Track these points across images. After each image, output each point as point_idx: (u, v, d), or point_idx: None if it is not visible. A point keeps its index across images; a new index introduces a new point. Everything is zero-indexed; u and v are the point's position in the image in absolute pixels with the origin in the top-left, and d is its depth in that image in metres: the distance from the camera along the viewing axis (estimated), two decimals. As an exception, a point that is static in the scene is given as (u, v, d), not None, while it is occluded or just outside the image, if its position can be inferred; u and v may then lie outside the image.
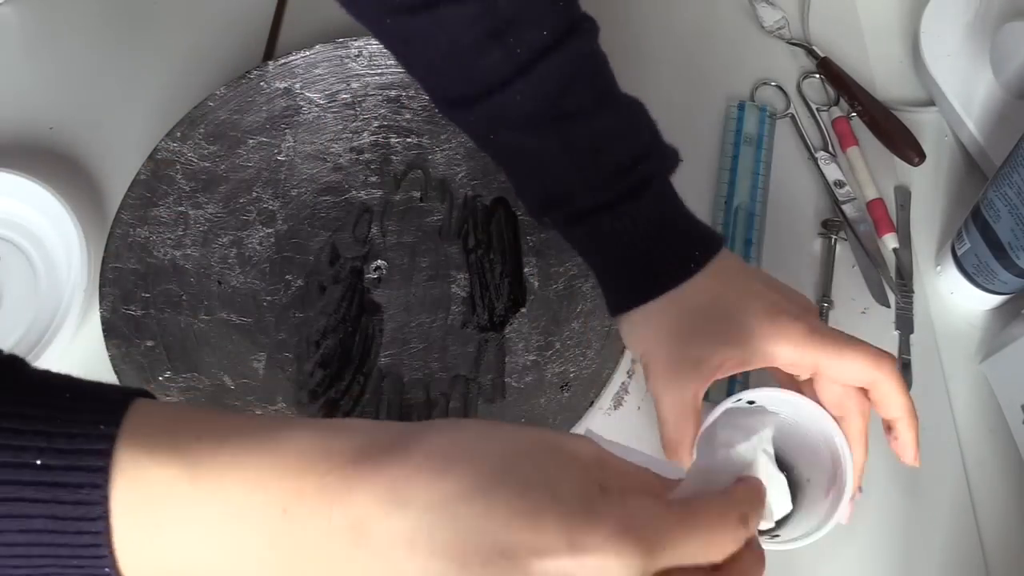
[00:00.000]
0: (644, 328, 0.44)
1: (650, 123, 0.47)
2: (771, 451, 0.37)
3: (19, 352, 0.51)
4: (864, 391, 0.42)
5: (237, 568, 0.27)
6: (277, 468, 0.26)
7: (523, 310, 0.53)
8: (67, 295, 0.54)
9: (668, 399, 0.42)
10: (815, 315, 0.44)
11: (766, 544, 0.40)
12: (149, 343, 0.51)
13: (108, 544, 0.26)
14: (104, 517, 0.25)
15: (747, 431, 0.36)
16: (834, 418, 0.42)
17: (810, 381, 0.42)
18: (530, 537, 0.25)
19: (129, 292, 0.52)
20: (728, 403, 0.42)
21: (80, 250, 0.54)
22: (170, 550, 0.26)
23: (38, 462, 0.25)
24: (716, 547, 0.27)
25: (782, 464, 0.45)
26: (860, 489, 0.43)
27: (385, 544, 0.25)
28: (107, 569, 0.26)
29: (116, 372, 0.49)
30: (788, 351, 0.41)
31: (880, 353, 0.41)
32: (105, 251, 0.53)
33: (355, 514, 0.26)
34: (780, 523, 0.44)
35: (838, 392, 0.42)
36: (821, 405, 0.42)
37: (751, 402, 0.43)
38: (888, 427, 0.43)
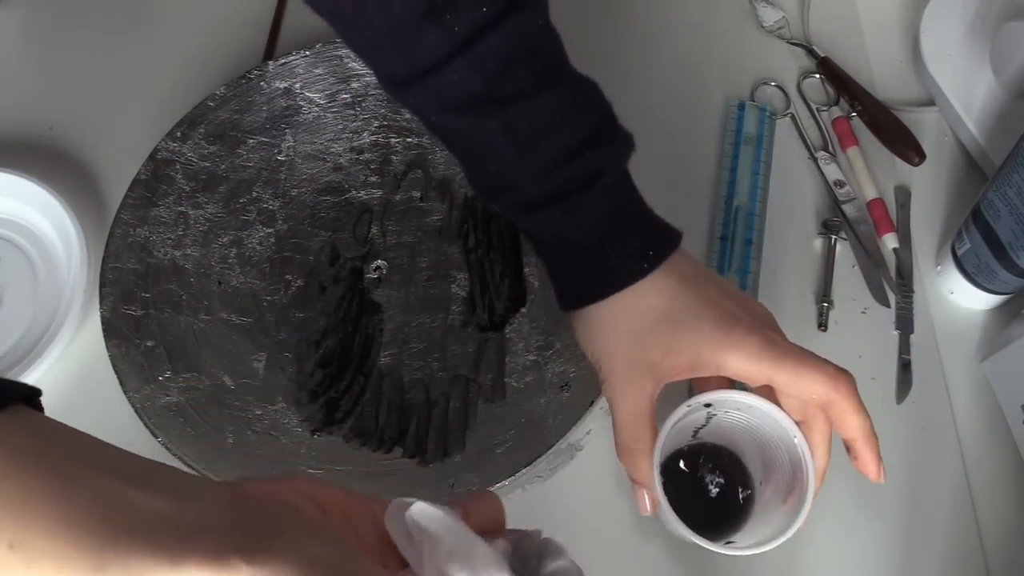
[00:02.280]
0: (596, 329, 0.43)
1: (603, 106, 0.44)
2: None
3: (19, 352, 0.52)
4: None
5: None
6: (109, 502, 0.24)
7: (523, 310, 0.53)
8: (67, 295, 0.54)
9: (623, 404, 0.41)
10: (772, 328, 0.42)
11: (726, 551, 0.40)
12: (149, 343, 0.51)
13: None
14: None
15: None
16: (796, 423, 0.41)
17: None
18: None
19: (129, 292, 0.52)
20: (684, 407, 0.41)
21: (80, 250, 0.54)
22: (16, 568, 0.24)
23: None
24: None
25: (734, 466, 0.46)
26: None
27: None
28: None
29: (116, 372, 0.49)
30: (740, 364, 0.40)
31: (838, 373, 0.40)
32: (105, 251, 0.53)
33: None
34: (734, 530, 0.44)
35: (797, 403, 0.41)
36: (781, 408, 0.42)
37: (708, 404, 0.43)
38: (848, 447, 0.42)
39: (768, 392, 0.42)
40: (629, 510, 0.50)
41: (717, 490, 0.47)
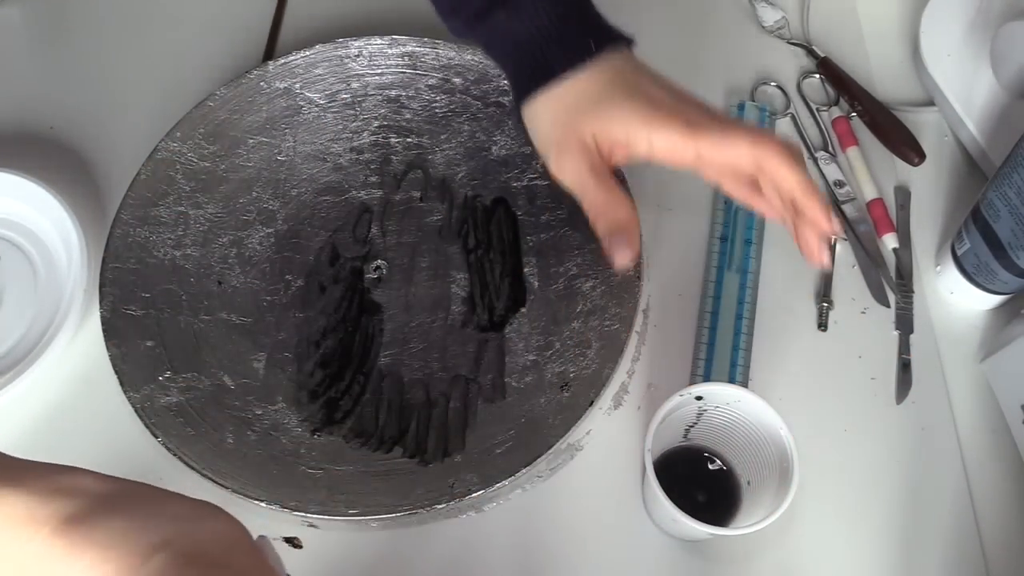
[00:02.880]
0: (541, 118, 0.46)
1: None
2: None
3: (19, 352, 0.52)
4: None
5: None
6: None
7: (523, 310, 0.53)
8: (67, 295, 0.54)
9: (569, 177, 0.45)
10: (703, 113, 0.44)
11: (718, 532, 0.43)
12: (149, 343, 0.51)
13: None
14: None
15: None
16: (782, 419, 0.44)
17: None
18: None
19: (129, 292, 0.52)
20: (676, 397, 0.44)
21: (80, 250, 0.54)
22: None
23: None
24: None
25: (724, 469, 0.48)
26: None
27: None
28: None
29: (116, 372, 0.49)
30: (667, 138, 0.43)
31: (761, 132, 0.42)
32: (105, 251, 0.53)
33: None
34: (723, 524, 0.45)
35: (732, 180, 0.44)
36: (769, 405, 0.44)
37: (699, 397, 0.45)
38: (792, 221, 0.44)
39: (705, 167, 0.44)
40: (629, 511, 0.50)
41: (707, 495, 0.48)
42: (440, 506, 0.46)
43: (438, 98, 0.59)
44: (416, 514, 0.47)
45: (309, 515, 0.47)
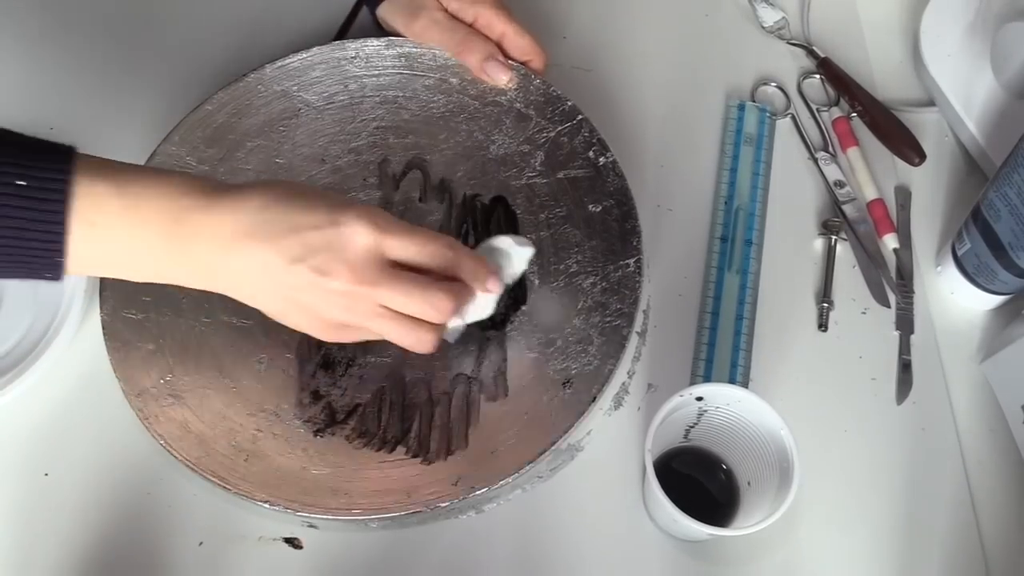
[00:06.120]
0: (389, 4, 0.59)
1: None
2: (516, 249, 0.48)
3: (19, 354, 0.52)
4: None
5: (143, 257, 0.42)
6: (172, 194, 0.42)
7: (524, 308, 0.53)
8: (67, 297, 0.54)
9: (431, 29, 0.58)
10: None
11: (719, 532, 0.43)
12: (150, 346, 0.51)
13: (63, 234, 0.40)
14: (61, 219, 0.39)
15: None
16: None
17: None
18: (308, 217, 0.42)
19: (130, 296, 0.52)
20: (677, 397, 0.44)
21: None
22: (101, 240, 0.41)
23: (20, 182, 0.39)
24: (429, 249, 0.44)
25: (724, 470, 0.49)
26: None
27: (229, 237, 0.42)
28: (59, 259, 0.40)
29: (117, 375, 0.50)
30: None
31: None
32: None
33: (214, 221, 0.42)
34: (723, 525, 0.46)
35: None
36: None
37: (699, 398, 0.45)
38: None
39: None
40: (629, 511, 0.50)
41: (708, 495, 0.48)
42: (444, 504, 0.46)
43: (435, 98, 0.59)
44: (419, 513, 0.47)
45: (312, 515, 0.47)
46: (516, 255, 0.48)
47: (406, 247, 0.43)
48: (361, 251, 0.42)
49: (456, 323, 0.47)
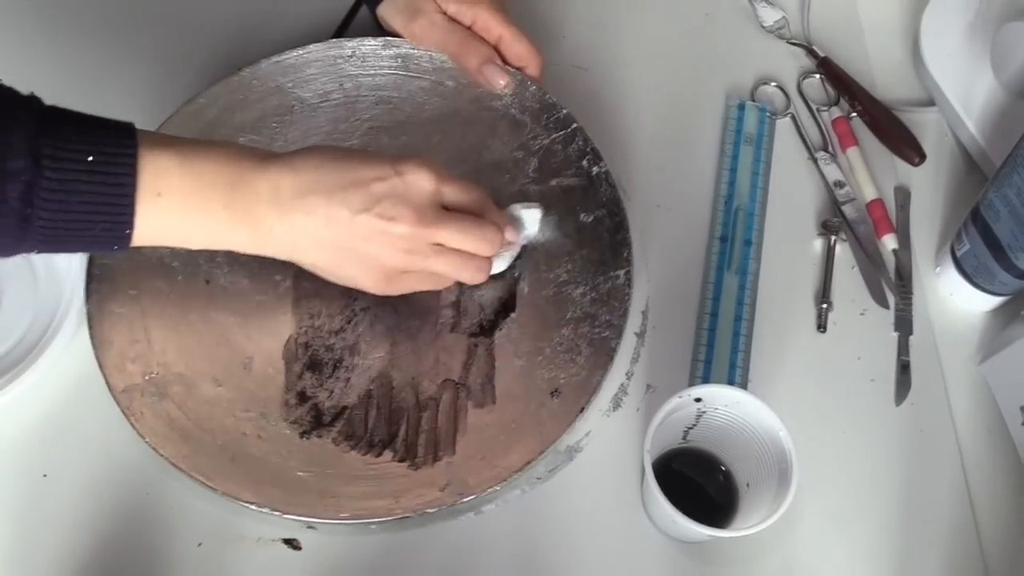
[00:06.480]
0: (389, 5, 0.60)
1: None
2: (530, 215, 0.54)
3: (19, 353, 0.52)
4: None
5: (203, 224, 0.45)
6: (228, 160, 0.45)
7: (513, 315, 0.53)
8: (67, 295, 0.54)
9: (430, 31, 0.58)
10: None
11: (717, 533, 0.43)
12: (136, 341, 0.51)
13: (132, 205, 0.42)
14: (130, 192, 0.42)
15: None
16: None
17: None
18: (370, 171, 0.46)
19: (116, 289, 0.52)
20: (676, 398, 0.45)
21: (76, 250, 0.54)
22: (165, 209, 0.43)
23: (89, 159, 0.41)
24: (474, 195, 0.49)
25: (722, 471, 0.49)
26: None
27: (289, 195, 0.45)
28: (128, 231, 0.43)
29: (102, 370, 0.49)
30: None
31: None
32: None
33: (272, 181, 0.45)
34: (722, 526, 0.46)
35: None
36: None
37: (698, 399, 0.46)
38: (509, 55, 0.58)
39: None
40: (628, 512, 0.50)
41: (706, 496, 0.48)
42: (431, 511, 0.46)
43: (430, 101, 0.59)
44: (407, 518, 0.47)
45: (297, 518, 0.47)
46: (527, 217, 0.53)
47: (459, 192, 0.48)
48: (426, 196, 0.46)
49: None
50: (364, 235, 0.46)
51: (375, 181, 0.46)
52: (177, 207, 0.43)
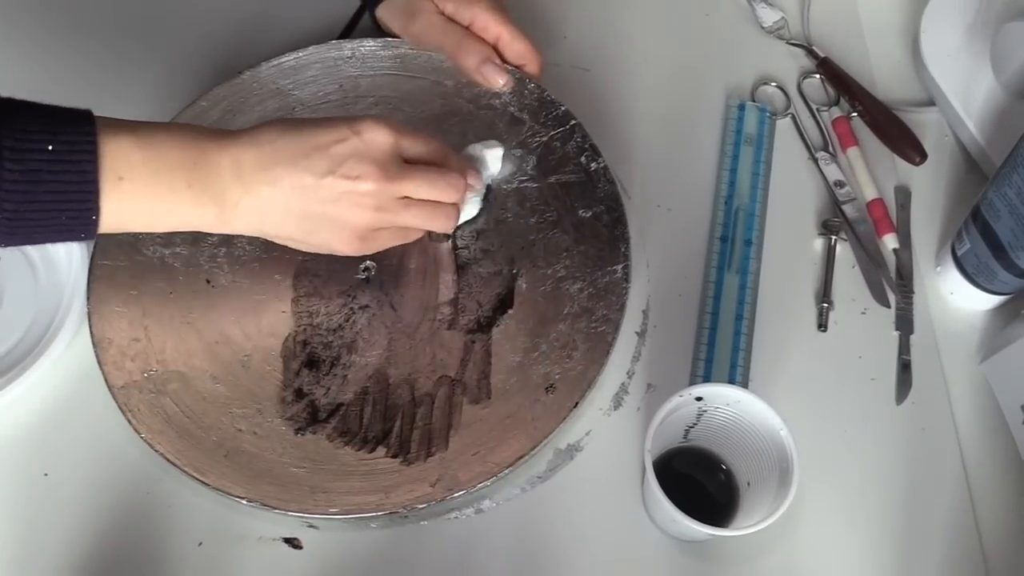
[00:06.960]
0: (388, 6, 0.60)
1: None
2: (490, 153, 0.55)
3: (19, 352, 0.52)
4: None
5: (168, 204, 0.45)
6: (188, 140, 0.45)
7: (510, 312, 0.53)
8: (67, 295, 0.54)
9: (429, 31, 0.58)
10: None
11: (718, 532, 0.43)
12: (136, 340, 0.51)
13: (96, 192, 0.42)
14: (93, 178, 0.42)
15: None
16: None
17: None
18: (328, 134, 0.46)
19: (117, 289, 0.52)
20: (676, 397, 0.45)
21: (80, 250, 0.54)
22: (129, 193, 0.43)
23: (49, 147, 0.41)
24: (433, 147, 0.50)
25: (723, 470, 0.49)
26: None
27: (252, 168, 0.45)
28: (93, 217, 0.43)
29: (101, 368, 0.50)
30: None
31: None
32: (94, 247, 0.53)
33: (233, 156, 0.45)
34: (723, 525, 0.46)
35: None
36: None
37: (699, 398, 0.45)
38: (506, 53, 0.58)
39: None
40: (629, 511, 0.50)
41: (707, 495, 0.48)
42: (422, 506, 0.46)
43: (430, 100, 0.59)
44: (403, 516, 0.47)
45: (287, 513, 0.47)
46: (488, 157, 0.55)
47: (417, 145, 0.49)
48: (387, 151, 0.47)
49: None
50: (332, 198, 0.46)
51: (335, 143, 0.46)
52: (141, 190, 0.43)
